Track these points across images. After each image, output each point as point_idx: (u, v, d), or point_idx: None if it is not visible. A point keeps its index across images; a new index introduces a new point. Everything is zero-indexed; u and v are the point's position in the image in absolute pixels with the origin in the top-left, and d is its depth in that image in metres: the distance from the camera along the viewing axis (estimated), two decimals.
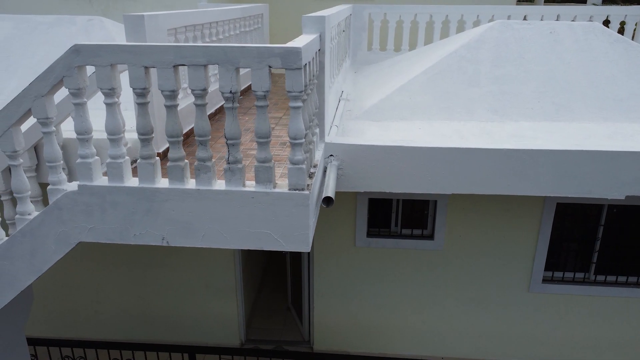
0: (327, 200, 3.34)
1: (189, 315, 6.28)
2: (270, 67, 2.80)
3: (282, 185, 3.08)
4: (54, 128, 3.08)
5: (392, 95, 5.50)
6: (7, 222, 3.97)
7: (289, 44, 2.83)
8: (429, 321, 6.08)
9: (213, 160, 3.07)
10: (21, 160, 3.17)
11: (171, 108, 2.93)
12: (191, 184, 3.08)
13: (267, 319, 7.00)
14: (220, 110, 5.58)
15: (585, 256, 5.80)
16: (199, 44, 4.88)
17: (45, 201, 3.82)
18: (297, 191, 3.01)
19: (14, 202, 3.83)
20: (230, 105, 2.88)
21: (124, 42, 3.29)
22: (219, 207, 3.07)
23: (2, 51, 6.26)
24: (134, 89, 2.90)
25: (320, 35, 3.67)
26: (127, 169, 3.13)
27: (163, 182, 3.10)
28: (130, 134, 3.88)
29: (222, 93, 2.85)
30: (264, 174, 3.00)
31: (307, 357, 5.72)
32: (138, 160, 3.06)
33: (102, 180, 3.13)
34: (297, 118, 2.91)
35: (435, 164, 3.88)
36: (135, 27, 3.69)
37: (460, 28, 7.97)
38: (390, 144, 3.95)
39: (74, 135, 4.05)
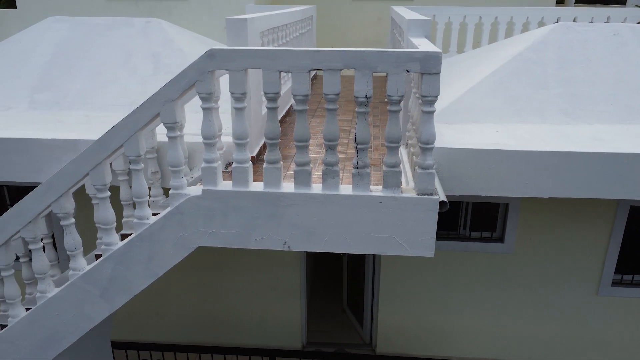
0: (443, 204, 3.33)
1: (252, 318, 6.27)
2: (408, 71, 2.79)
3: (407, 189, 3.07)
4: (180, 132, 3.07)
5: (462, 98, 5.48)
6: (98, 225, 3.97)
7: (427, 49, 2.82)
8: (495, 324, 6.06)
9: (339, 165, 3.05)
10: (142, 165, 3.16)
11: (302, 112, 2.92)
12: (316, 188, 3.07)
13: (324, 321, 6.98)
14: (287, 114, 5.58)
15: None
16: (273, 47, 4.88)
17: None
18: (425, 196, 3.00)
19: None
20: (362, 110, 2.87)
21: (227, 46, 3.29)
22: (345, 211, 3.06)
23: (61, 53, 6.25)
24: (266, 93, 2.89)
25: (426, 38, 3.67)
26: (251, 174, 3.11)
27: (288, 187, 3.09)
28: (226, 138, 3.90)
29: (357, 98, 2.84)
30: (393, 179, 2.99)
31: None
32: (264, 165, 3.04)
33: (226, 185, 3.12)
34: (430, 123, 2.90)
35: (534, 168, 3.87)
36: (238, 30, 3.68)
37: (509, 30, 7.96)
38: (489, 147, 3.94)
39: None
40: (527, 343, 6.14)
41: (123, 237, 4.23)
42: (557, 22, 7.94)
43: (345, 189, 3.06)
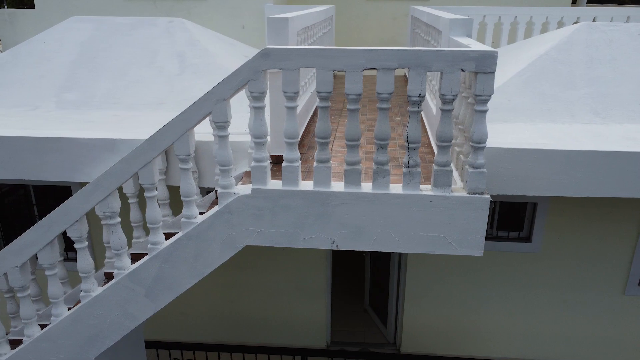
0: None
1: (277, 317, 6.27)
2: (462, 70, 2.79)
3: (457, 189, 3.07)
4: (229, 132, 3.07)
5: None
6: (135, 223, 3.98)
7: (482, 48, 2.82)
8: (521, 323, 6.06)
9: (389, 164, 3.05)
10: (191, 164, 3.16)
11: (354, 112, 2.93)
12: (366, 187, 3.07)
13: (346, 321, 6.97)
14: (315, 114, 5.58)
15: None
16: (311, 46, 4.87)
17: None
18: (477, 195, 3.00)
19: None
20: (415, 109, 2.87)
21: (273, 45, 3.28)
22: (394, 211, 3.06)
23: (86, 53, 6.25)
24: (319, 92, 2.89)
25: (467, 37, 3.68)
26: (300, 173, 3.11)
27: (337, 186, 3.09)
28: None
29: (410, 97, 2.84)
30: (443, 178, 2.99)
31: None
32: (314, 164, 3.05)
33: (275, 184, 3.12)
34: (483, 122, 2.90)
35: (574, 167, 3.87)
36: (279, 29, 3.68)
37: (529, 30, 7.96)
38: (529, 146, 3.93)
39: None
40: (553, 342, 6.14)
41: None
42: (577, 22, 7.95)
43: (395, 188, 3.06)
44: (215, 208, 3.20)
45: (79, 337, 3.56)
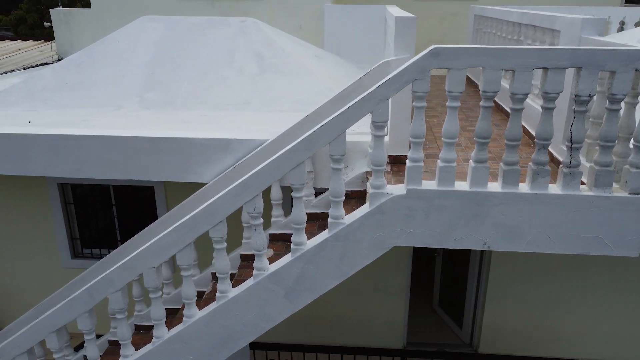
0: None
1: (355, 317, 6.23)
2: (636, 70, 2.76)
3: (616, 189, 3.05)
4: (386, 131, 3.05)
5: None
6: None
7: None
8: (604, 325, 6.00)
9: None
10: (343, 165, 3.14)
11: (517, 112, 2.91)
12: (523, 187, 3.05)
13: (416, 321, 6.92)
14: None
15: None
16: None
17: None
18: (638, 195, 2.97)
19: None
20: (582, 108, 2.85)
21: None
22: (552, 211, 3.04)
23: (162, 52, 6.23)
24: (485, 92, 2.87)
25: (599, 36, 3.66)
26: (455, 173, 3.09)
27: (494, 186, 3.06)
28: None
29: (579, 96, 2.82)
30: (605, 178, 2.97)
31: None
32: (471, 164, 3.03)
33: (430, 184, 3.10)
34: None
35: None
36: (406, 28, 3.68)
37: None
38: None
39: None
40: (637, 345, 6.09)
41: (271, 236, 4.26)
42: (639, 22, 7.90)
43: (554, 188, 3.04)
44: (365, 208, 3.18)
45: (211, 339, 3.54)
